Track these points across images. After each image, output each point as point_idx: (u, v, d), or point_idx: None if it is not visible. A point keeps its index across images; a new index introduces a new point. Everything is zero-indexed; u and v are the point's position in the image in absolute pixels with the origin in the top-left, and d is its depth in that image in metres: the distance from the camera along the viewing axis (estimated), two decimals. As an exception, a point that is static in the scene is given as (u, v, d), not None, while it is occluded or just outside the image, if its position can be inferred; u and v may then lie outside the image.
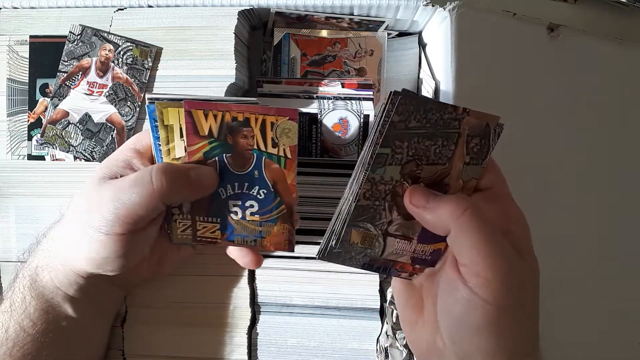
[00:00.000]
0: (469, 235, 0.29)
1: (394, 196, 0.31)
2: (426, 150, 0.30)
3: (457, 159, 0.31)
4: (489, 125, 0.31)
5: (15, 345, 0.33)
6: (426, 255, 0.33)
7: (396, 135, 0.30)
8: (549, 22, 0.48)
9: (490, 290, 0.28)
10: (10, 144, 0.42)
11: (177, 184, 0.32)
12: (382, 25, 0.46)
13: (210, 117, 0.32)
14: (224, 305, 0.41)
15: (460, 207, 0.29)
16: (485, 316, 0.28)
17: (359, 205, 0.31)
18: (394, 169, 0.30)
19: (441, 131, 0.30)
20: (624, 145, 0.51)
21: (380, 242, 0.32)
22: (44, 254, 0.35)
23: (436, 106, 0.30)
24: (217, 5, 0.42)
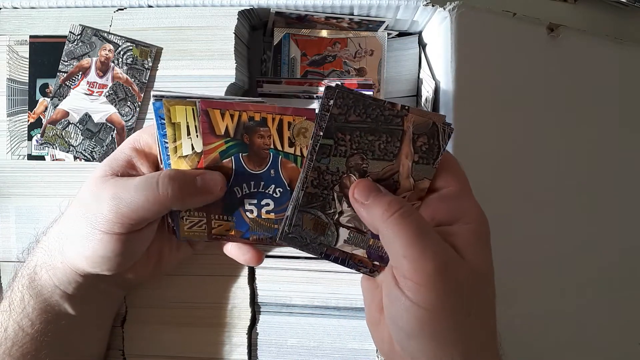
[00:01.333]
0: (395, 238, 0.28)
1: (342, 187, 0.32)
2: (370, 145, 0.31)
3: (404, 156, 0.31)
4: (436, 124, 0.31)
5: (14, 344, 0.33)
6: (382, 252, 0.33)
7: (337, 128, 0.31)
8: (549, 22, 0.48)
9: (420, 294, 0.28)
10: (10, 144, 0.42)
11: (183, 192, 0.32)
12: (382, 25, 0.46)
13: (227, 116, 0.33)
14: (223, 305, 0.41)
15: (390, 209, 0.29)
16: (419, 320, 0.28)
17: (308, 192, 0.32)
18: (339, 160, 0.31)
19: (383, 127, 0.31)
20: (624, 145, 0.51)
21: (333, 231, 0.33)
22: (42, 253, 0.35)
23: (374, 102, 0.30)
24: (217, 5, 0.42)
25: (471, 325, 0.28)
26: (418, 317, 0.28)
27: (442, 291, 0.27)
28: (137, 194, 0.32)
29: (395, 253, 0.29)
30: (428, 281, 0.27)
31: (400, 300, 0.28)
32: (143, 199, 0.32)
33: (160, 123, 0.34)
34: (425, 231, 0.29)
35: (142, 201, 0.32)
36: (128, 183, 0.32)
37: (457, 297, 0.28)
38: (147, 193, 0.32)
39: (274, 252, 0.41)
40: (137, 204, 0.32)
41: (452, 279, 0.28)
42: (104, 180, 0.33)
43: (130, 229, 0.32)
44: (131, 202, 0.32)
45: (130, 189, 0.32)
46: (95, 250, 0.33)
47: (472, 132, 0.42)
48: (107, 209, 0.32)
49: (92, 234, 0.32)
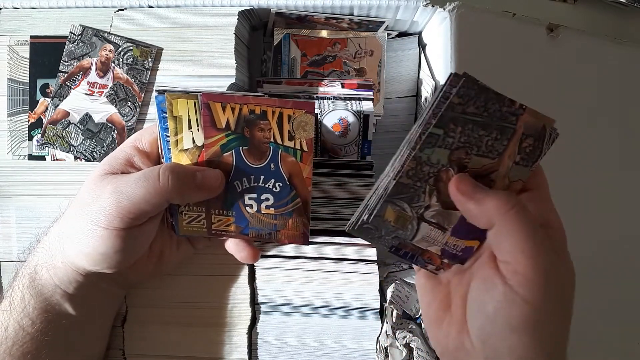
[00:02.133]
0: (514, 232, 0.28)
1: (437, 181, 0.31)
2: (478, 140, 0.30)
3: (508, 156, 0.31)
4: (546, 127, 0.30)
5: (15, 344, 0.33)
6: (457, 250, 0.32)
7: (452, 118, 0.29)
8: (549, 22, 0.48)
9: (530, 289, 0.28)
10: (11, 144, 0.42)
11: (183, 184, 0.33)
12: (382, 26, 0.46)
13: (228, 109, 0.33)
14: (224, 305, 0.41)
15: (508, 203, 0.29)
16: (523, 315, 0.28)
17: (400, 182, 0.31)
18: (443, 152, 0.30)
19: (497, 123, 0.30)
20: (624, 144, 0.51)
21: (414, 225, 0.32)
22: (43, 252, 0.35)
23: (495, 96, 0.29)
24: (217, 6, 0.42)
25: (563, 329, 0.29)
26: (525, 313, 0.28)
27: (554, 291, 0.28)
28: (137, 186, 0.32)
29: (510, 247, 0.29)
30: (543, 279, 0.28)
31: (507, 295, 0.28)
32: (143, 191, 0.32)
33: (162, 117, 0.34)
34: (539, 230, 0.29)
35: (143, 193, 0.32)
36: (128, 177, 0.33)
37: (562, 299, 0.29)
38: (147, 185, 0.32)
39: (274, 252, 0.41)
40: (138, 196, 0.32)
41: (559, 279, 0.28)
42: (103, 178, 0.33)
43: (130, 224, 0.33)
44: (131, 195, 0.32)
45: (130, 182, 0.32)
46: (96, 247, 0.33)
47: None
48: (107, 204, 0.32)
49: (92, 231, 0.32)
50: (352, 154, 0.43)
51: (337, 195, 0.40)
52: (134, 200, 0.32)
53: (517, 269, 0.28)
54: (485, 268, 0.30)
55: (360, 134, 0.42)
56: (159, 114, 0.34)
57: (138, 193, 0.32)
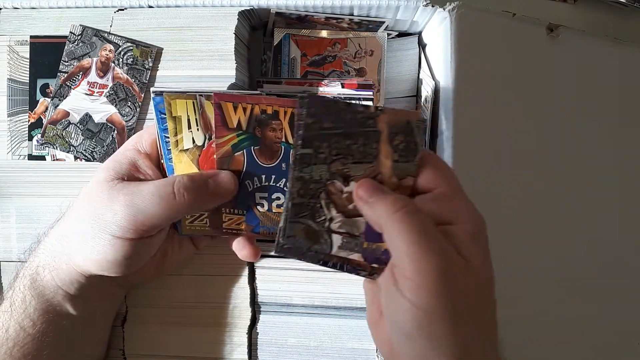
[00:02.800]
0: (399, 235, 0.28)
1: (328, 194, 0.32)
2: (348, 149, 0.31)
3: (384, 156, 0.31)
4: (410, 122, 0.31)
5: (16, 345, 0.33)
6: (378, 254, 0.33)
7: (314, 137, 0.31)
8: (549, 22, 0.48)
9: (418, 294, 0.27)
10: (11, 144, 0.42)
11: (198, 199, 0.33)
12: (382, 26, 0.46)
13: (239, 109, 0.33)
14: (224, 305, 0.41)
15: (395, 205, 0.29)
16: (415, 320, 0.27)
17: (295, 203, 0.32)
18: (321, 167, 0.31)
19: (358, 130, 0.31)
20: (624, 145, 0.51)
21: (326, 238, 0.33)
22: (45, 254, 0.35)
23: (346, 106, 0.31)
24: (217, 6, 0.42)
25: (470, 331, 0.28)
26: (416, 319, 0.27)
27: (443, 294, 0.27)
28: (152, 203, 0.32)
29: (397, 250, 0.28)
30: (429, 282, 0.27)
31: (399, 300, 0.28)
32: (160, 209, 0.32)
33: (161, 118, 0.34)
34: (429, 231, 0.28)
35: (159, 211, 0.32)
36: (141, 190, 0.32)
37: (457, 300, 0.27)
38: (163, 203, 0.32)
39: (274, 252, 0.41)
40: (154, 213, 0.32)
41: (453, 281, 0.27)
42: (112, 185, 0.33)
43: (143, 235, 0.33)
44: (147, 211, 0.32)
45: (145, 197, 0.32)
46: (105, 255, 0.33)
47: (472, 132, 0.42)
48: (120, 216, 0.32)
49: (103, 239, 0.32)
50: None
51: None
52: (149, 215, 0.32)
53: (405, 273, 0.28)
54: (386, 275, 0.30)
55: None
56: (157, 115, 0.34)
57: (154, 210, 0.32)
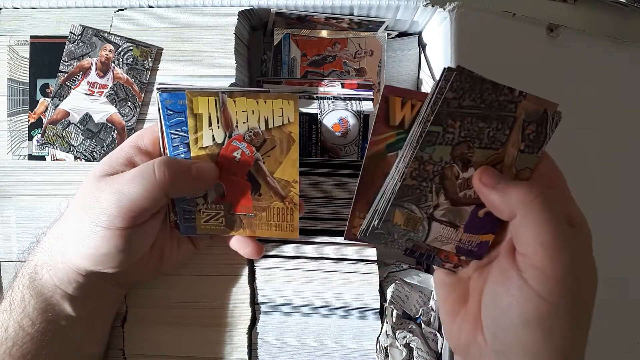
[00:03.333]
0: (535, 224, 0.27)
1: (442, 178, 0.30)
2: (479, 133, 0.29)
3: (512, 145, 0.30)
4: (547, 111, 0.30)
5: (15, 344, 0.33)
6: (472, 246, 0.32)
7: (449, 113, 0.29)
8: (549, 22, 0.48)
9: (547, 285, 0.26)
10: (11, 144, 0.42)
11: (178, 177, 0.33)
12: (382, 26, 0.46)
13: (407, 106, 0.30)
14: (224, 305, 0.41)
15: (532, 193, 0.28)
16: (536, 311, 0.27)
17: (405, 184, 0.30)
18: (445, 149, 0.29)
19: (496, 113, 0.29)
20: (624, 145, 0.51)
21: (425, 226, 0.31)
22: (43, 253, 0.35)
23: (492, 86, 0.29)
24: (217, 6, 0.42)
25: (579, 330, 0.28)
26: (538, 309, 0.27)
27: (571, 288, 0.27)
28: (134, 184, 0.32)
29: (530, 239, 0.27)
30: (560, 274, 0.26)
31: (522, 289, 0.27)
32: (141, 188, 0.32)
33: (167, 114, 0.34)
34: (563, 223, 0.28)
35: (141, 190, 0.32)
36: (123, 176, 0.33)
37: (581, 297, 0.27)
38: (144, 181, 0.32)
39: (274, 252, 0.41)
40: (136, 193, 0.32)
41: (580, 280, 0.27)
42: (101, 179, 0.33)
43: (132, 222, 0.33)
44: (130, 193, 0.32)
45: (127, 180, 0.32)
46: (98, 248, 0.33)
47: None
48: (106, 204, 0.32)
49: (94, 231, 0.32)
50: (352, 154, 0.43)
51: (337, 195, 0.40)
52: (133, 198, 0.32)
53: (534, 262, 0.27)
54: (503, 261, 0.30)
55: (360, 134, 0.42)
56: (163, 111, 0.34)
57: (136, 190, 0.32)
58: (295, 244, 0.41)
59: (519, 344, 0.28)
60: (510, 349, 0.28)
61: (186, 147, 0.35)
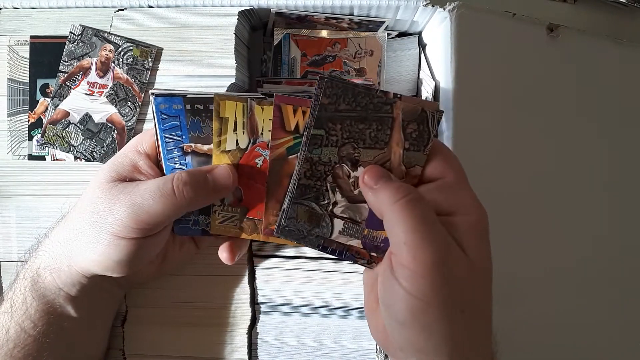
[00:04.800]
0: (399, 223, 0.28)
1: (335, 177, 0.32)
2: (361, 134, 0.31)
3: (395, 144, 0.32)
4: (425, 110, 0.31)
5: (17, 346, 0.33)
6: (377, 242, 0.33)
7: (328, 117, 0.31)
8: (549, 22, 0.48)
9: (414, 282, 0.27)
10: (11, 144, 0.42)
11: (199, 193, 0.33)
12: (382, 26, 0.46)
13: (299, 113, 0.33)
14: (224, 305, 0.41)
15: (398, 194, 0.29)
16: (410, 309, 0.27)
17: (301, 184, 0.32)
18: (331, 150, 0.32)
19: (373, 115, 0.31)
20: (624, 145, 0.51)
21: (327, 222, 0.33)
22: (46, 256, 0.35)
23: (365, 90, 0.31)
24: (217, 6, 0.42)
25: (465, 322, 0.28)
26: (411, 307, 0.27)
27: (439, 283, 0.27)
28: (154, 201, 0.32)
29: (396, 239, 0.28)
30: (425, 271, 0.27)
31: (395, 288, 0.28)
32: (161, 207, 0.32)
33: (161, 118, 0.34)
34: (430, 220, 0.28)
35: (161, 209, 0.32)
36: (142, 189, 0.32)
37: (453, 291, 0.27)
38: (164, 200, 0.32)
39: (274, 252, 0.41)
40: (156, 211, 0.32)
41: (450, 271, 0.27)
42: (113, 186, 0.33)
43: (147, 234, 0.33)
44: (149, 209, 0.32)
45: (145, 196, 0.32)
46: (109, 255, 0.33)
47: (472, 132, 0.42)
48: (123, 216, 0.32)
49: (107, 240, 0.32)
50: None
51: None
52: (151, 213, 0.32)
53: (402, 261, 0.28)
54: (384, 262, 0.30)
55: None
56: (157, 115, 0.34)
57: (156, 208, 0.32)
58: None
59: (405, 341, 0.28)
60: (403, 346, 0.29)
61: (180, 151, 0.35)
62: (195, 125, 0.34)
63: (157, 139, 0.35)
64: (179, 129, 0.34)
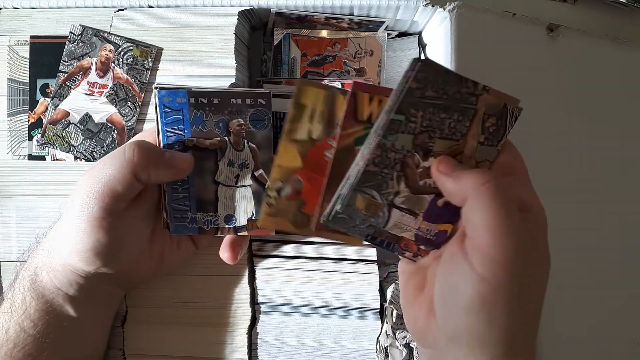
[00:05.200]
0: (484, 207, 0.27)
1: (404, 166, 0.31)
2: (441, 123, 0.30)
3: (472, 136, 0.31)
4: (507, 106, 0.31)
5: (16, 346, 0.33)
6: (431, 235, 0.32)
7: (412, 103, 0.30)
8: (549, 22, 0.48)
9: (490, 268, 0.27)
10: (11, 144, 0.42)
11: (149, 159, 0.33)
12: (382, 26, 0.46)
13: (375, 102, 0.32)
14: (224, 305, 0.41)
15: (483, 178, 0.28)
16: (479, 294, 0.27)
17: (367, 170, 0.31)
18: (407, 137, 0.30)
19: (457, 105, 0.30)
20: (624, 144, 0.52)
21: (385, 212, 0.32)
22: (43, 255, 0.35)
23: (455, 79, 0.30)
24: (217, 6, 0.42)
25: (526, 315, 0.28)
26: (482, 293, 0.27)
27: (515, 273, 0.27)
28: (105, 166, 0.32)
29: (478, 222, 0.28)
30: (504, 258, 0.26)
31: (466, 272, 0.27)
32: (112, 169, 0.32)
33: (164, 112, 0.34)
34: (514, 209, 0.28)
35: (112, 172, 0.32)
36: (99, 162, 0.33)
37: (524, 284, 0.27)
38: (114, 162, 0.32)
39: (274, 252, 0.41)
40: (107, 175, 0.32)
41: (525, 263, 0.27)
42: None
43: (108, 208, 0.32)
44: (102, 176, 0.32)
45: (99, 164, 0.32)
46: (83, 242, 0.32)
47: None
48: (84, 193, 0.32)
49: (78, 226, 0.32)
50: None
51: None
52: (104, 181, 0.32)
53: (480, 245, 0.27)
54: (453, 245, 0.30)
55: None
56: (160, 108, 0.34)
57: (107, 172, 0.32)
58: (295, 244, 0.41)
59: (464, 328, 0.28)
60: (458, 334, 0.28)
61: (181, 145, 0.35)
62: (198, 119, 0.34)
63: (159, 134, 0.35)
64: (182, 122, 0.34)
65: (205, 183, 0.36)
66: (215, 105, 0.33)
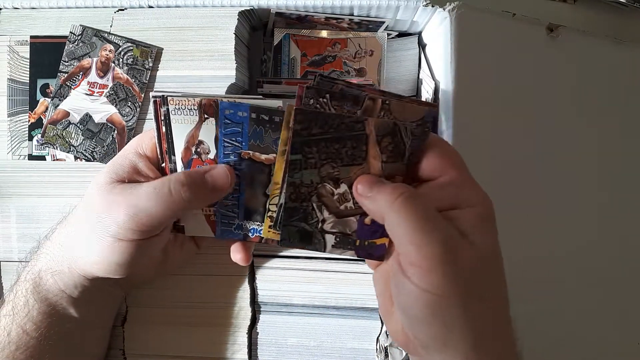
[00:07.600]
0: (400, 222, 0.28)
1: (319, 197, 0.33)
2: (338, 153, 0.32)
3: (373, 158, 0.32)
4: (397, 124, 0.31)
5: (18, 348, 0.33)
6: (371, 250, 0.34)
7: (303, 142, 0.31)
8: (549, 22, 0.48)
9: (428, 279, 0.27)
10: (11, 144, 0.42)
11: (197, 194, 0.33)
12: (382, 26, 0.46)
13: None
14: (224, 305, 0.41)
15: (395, 193, 0.29)
16: (427, 306, 0.27)
17: (288, 207, 0.33)
18: (312, 172, 0.32)
19: (346, 134, 0.31)
20: (624, 145, 0.52)
21: (319, 238, 0.34)
22: (48, 258, 0.35)
23: (334, 114, 0.31)
24: (217, 6, 0.42)
25: (483, 311, 0.28)
26: (428, 304, 0.27)
27: (450, 274, 0.27)
28: (152, 202, 0.32)
29: (401, 239, 0.28)
30: (435, 266, 0.27)
31: (408, 288, 0.28)
32: (159, 208, 0.32)
33: (224, 123, 0.34)
34: (431, 215, 0.28)
35: (159, 209, 0.32)
36: (140, 191, 0.32)
37: (466, 280, 0.27)
38: (162, 201, 0.32)
39: (274, 252, 0.41)
40: (154, 212, 0.32)
41: (459, 263, 0.27)
42: (112, 187, 0.33)
43: (147, 235, 0.33)
44: (148, 211, 0.32)
45: (143, 198, 0.32)
46: (111, 257, 0.33)
47: (472, 132, 0.42)
48: (122, 219, 0.32)
49: (107, 242, 0.32)
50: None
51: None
52: (149, 215, 0.32)
53: (410, 260, 0.28)
54: (392, 263, 0.30)
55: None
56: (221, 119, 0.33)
57: (154, 209, 0.32)
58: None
59: (429, 338, 0.28)
60: (426, 343, 0.28)
61: (237, 156, 0.35)
62: (257, 134, 0.34)
63: (162, 141, 0.35)
64: (240, 135, 0.34)
65: (256, 194, 0.36)
66: (276, 124, 0.34)
